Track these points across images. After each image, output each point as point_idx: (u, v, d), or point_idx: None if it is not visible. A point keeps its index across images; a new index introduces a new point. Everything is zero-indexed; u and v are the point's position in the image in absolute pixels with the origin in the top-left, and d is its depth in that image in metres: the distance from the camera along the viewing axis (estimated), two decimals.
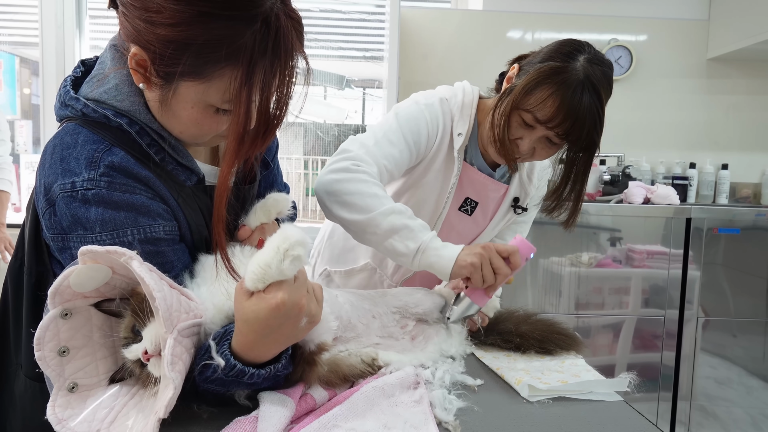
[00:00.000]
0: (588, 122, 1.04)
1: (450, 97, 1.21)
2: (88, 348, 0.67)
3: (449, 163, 1.20)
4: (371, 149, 1.09)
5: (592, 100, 1.03)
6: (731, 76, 2.90)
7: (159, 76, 0.70)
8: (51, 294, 0.62)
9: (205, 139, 0.79)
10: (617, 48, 2.84)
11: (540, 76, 1.05)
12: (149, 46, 0.67)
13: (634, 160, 2.83)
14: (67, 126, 0.75)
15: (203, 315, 0.67)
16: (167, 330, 0.59)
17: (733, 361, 2.38)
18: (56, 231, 0.71)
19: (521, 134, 1.11)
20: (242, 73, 0.67)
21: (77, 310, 0.65)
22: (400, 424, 0.67)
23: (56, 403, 0.63)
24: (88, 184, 0.69)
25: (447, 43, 2.84)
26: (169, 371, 0.57)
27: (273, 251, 0.61)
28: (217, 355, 0.63)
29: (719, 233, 2.31)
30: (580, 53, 1.05)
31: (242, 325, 0.64)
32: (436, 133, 1.18)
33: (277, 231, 0.63)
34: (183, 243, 0.79)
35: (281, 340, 0.66)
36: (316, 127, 3.02)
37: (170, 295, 0.61)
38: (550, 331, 1.02)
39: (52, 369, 0.64)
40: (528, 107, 1.06)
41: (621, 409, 0.79)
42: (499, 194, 1.27)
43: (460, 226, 1.28)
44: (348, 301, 0.89)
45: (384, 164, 1.09)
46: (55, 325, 0.63)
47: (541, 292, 2.33)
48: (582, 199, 1.16)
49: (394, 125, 1.14)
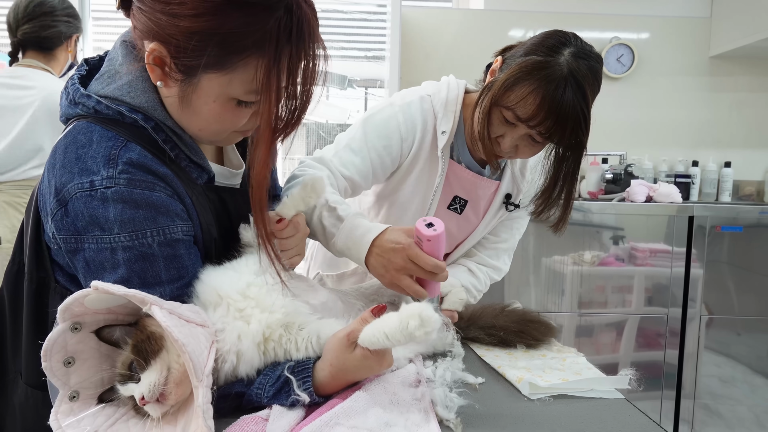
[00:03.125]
0: (571, 120, 0.98)
1: (433, 93, 1.16)
2: (94, 360, 0.67)
3: (433, 163, 1.16)
4: (325, 158, 1.07)
5: (575, 98, 0.96)
6: (734, 73, 2.89)
7: (180, 71, 0.69)
8: (61, 310, 0.62)
9: (224, 135, 0.78)
10: (619, 46, 2.84)
11: (521, 71, 0.98)
12: (171, 39, 0.66)
13: (637, 158, 2.83)
14: (78, 124, 0.73)
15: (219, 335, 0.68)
16: (198, 379, 0.58)
17: (738, 359, 2.38)
18: (69, 232, 0.69)
19: (503, 132, 1.05)
20: (269, 60, 0.67)
21: (86, 325, 0.66)
22: (402, 421, 0.68)
23: (59, 410, 0.64)
24: (107, 182, 0.67)
25: (448, 43, 2.84)
26: (205, 421, 0.57)
27: (401, 328, 0.65)
28: (302, 392, 0.68)
29: (722, 231, 2.31)
30: (566, 46, 0.99)
31: (337, 371, 0.70)
32: (412, 135, 1.14)
33: (417, 307, 0.65)
34: (196, 245, 0.78)
35: (352, 381, 0.73)
36: (319, 127, 3.03)
37: (194, 340, 0.61)
38: (525, 320, 1.01)
39: (58, 378, 0.64)
40: (508, 104, 1.00)
41: (622, 406, 0.79)
42: (489, 191, 1.22)
43: (450, 225, 1.24)
44: (339, 298, 0.91)
45: (341, 171, 1.07)
46: (63, 338, 0.64)
47: (544, 290, 2.33)
48: (572, 200, 1.11)
49: (359, 134, 1.12)
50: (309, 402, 0.68)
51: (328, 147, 1.13)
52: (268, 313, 0.72)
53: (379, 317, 0.69)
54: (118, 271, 0.69)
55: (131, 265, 0.69)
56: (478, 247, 1.31)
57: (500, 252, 1.31)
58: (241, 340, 0.69)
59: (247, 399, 0.69)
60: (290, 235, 0.84)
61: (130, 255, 0.69)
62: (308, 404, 0.69)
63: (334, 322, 0.77)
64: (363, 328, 0.69)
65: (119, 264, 0.69)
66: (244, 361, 0.69)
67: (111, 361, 0.67)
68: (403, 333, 0.65)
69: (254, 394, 0.69)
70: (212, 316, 0.70)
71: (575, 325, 2.35)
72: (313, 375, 0.70)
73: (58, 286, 0.77)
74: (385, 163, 1.14)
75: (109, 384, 0.68)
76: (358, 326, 0.70)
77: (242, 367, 0.69)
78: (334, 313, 0.84)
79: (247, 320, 0.70)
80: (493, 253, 1.31)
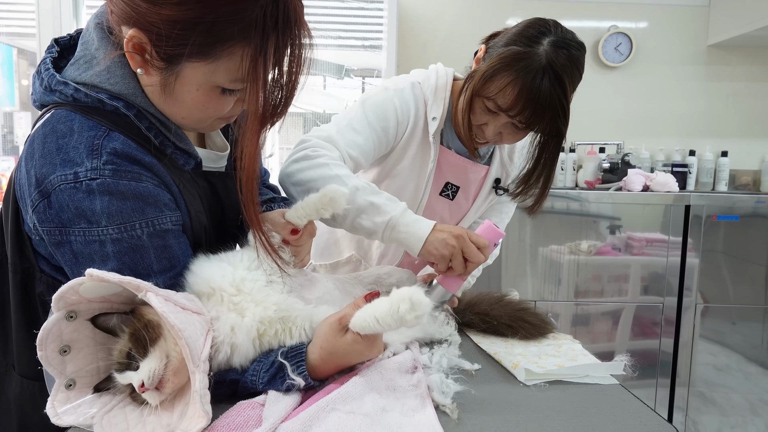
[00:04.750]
0: (550, 110, 1.00)
1: (423, 80, 1.18)
2: (90, 348, 0.67)
3: (425, 149, 1.18)
4: (333, 137, 1.07)
5: (553, 88, 0.98)
6: (731, 62, 2.88)
7: (161, 59, 0.67)
8: (55, 299, 0.62)
9: (207, 122, 0.77)
10: (617, 35, 2.83)
11: (500, 62, 1.01)
12: (152, 27, 0.64)
13: (634, 147, 2.82)
14: (57, 113, 0.70)
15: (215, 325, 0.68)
16: (194, 364, 0.58)
17: (732, 347, 2.39)
18: (53, 224, 0.67)
19: (485, 120, 1.08)
20: (255, 48, 0.65)
21: (82, 313, 0.66)
22: (398, 407, 0.68)
23: (56, 399, 0.64)
24: (91, 173, 0.65)
25: (446, 32, 2.82)
26: (203, 406, 0.58)
27: (392, 311, 0.65)
28: (297, 376, 0.68)
29: (718, 220, 2.32)
30: (545, 36, 1.00)
31: (327, 355, 0.69)
32: (407, 119, 1.15)
33: (408, 291, 0.66)
34: (185, 233, 0.77)
35: (343, 366, 0.73)
36: (315, 116, 3.01)
37: (190, 326, 0.60)
38: (519, 318, 1.01)
39: (54, 367, 0.64)
40: (489, 94, 1.03)
41: (617, 392, 0.80)
42: (479, 176, 1.25)
43: (443, 211, 1.27)
44: (335, 286, 0.91)
45: (347, 151, 1.07)
46: (58, 327, 0.64)
47: (541, 280, 2.33)
48: (550, 185, 1.14)
49: (359, 113, 1.12)
50: (304, 385, 0.68)
51: (327, 126, 1.12)
52: (263, 308, 0.71)
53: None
54: (109, 264, 0.68)
55: (121, 257, 0.68)
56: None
57: None
58: (235, 333, 0.69)
59: (242, 386, 0.69)
60: (305, 242, 0.84)
61: (120, 247, 0.68)
62: (304, 388, 0.69)
63: (328, 308, 0.77)
64: (355, 312, 0.69)
65: (109, 256, 0.68)
66: (239, 354, 0.69)
67: (106, 349, 0.67)
68: (393, 317, 0.65)
69: (249, 380, 0.69)
70: (206, 305, 0.70)
71: (571, 314, 2.36)
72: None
73: (43, 275, 0.76)
74: (382, 144, 1.15)
75: (105, 374, 0.68)
76: (350, 311, 0.70)
77: (236, 359, 0.69)
78: (330, 305, 0.84)
79: (241, 313, 0.70)
80: None
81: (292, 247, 0.82)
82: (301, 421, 0.61)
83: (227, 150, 0.91)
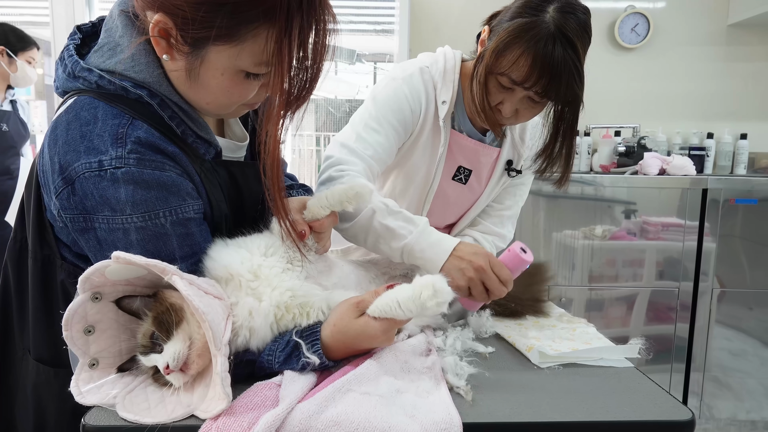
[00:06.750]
0: (565, 75, 0.99)
1: (431, 64, 1.18)
2: (113, 330, 0.69)
3: (436, 134, 1.18)
4: (353, 147, 1.07)
5: (566, 52, 0.97)
6: (752, 42, 2.81)
7: (187, 43, 0.67)
8: (81, 280, 0.63)
9: (232, 108, 0.77)
10: (634, 15, 2.77)
11: (509, 36, 1.00)
12: (177, 11, 0.64)
13: (650, 130, 2.78)
14: (80, 99, 0.71)
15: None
16: (216, 347, 0.60)
17: (749, 332, 2.37)
18: (77, 211, 0.68)
19: (501, 98, 1.07)
20: (280, 30, 0.65)
21: (106, 295, 0.67)
22: (413, 388, 0.69)
23: (80, 378, 0.66)
24: (116, 162, 0.66)
25: (459, 15, 2.78)
26: (224, 388, 0.59)
27: (414, 297, 0.66)
28: (311, 354, 0.69)
29: (736, 204, 2.28)
30: (550, 3, 0.99)
31: (338, 333, 0.70)
32: (419, 105, 1.15)
33: (431, 278, 0.67)
34: (205, 221, 0.78)
35: (352, 349, 0.73)
36: (328, 102, 3.01)
37: (212, 310, 0.61)
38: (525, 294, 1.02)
39: (78, 347, 0.66)
40: (502, 70, 1.02)
41: (631, 375, 0.80)
42: (491, 159, 1.24)
43: (455, 196, 1.27)
44: (351, 271, 0.92)
45: (371, 155, 1.07)
46: (83, 308, 0.65)
47: (555, 264, 2.32)
48: (573, 155, 1.13)
49: (373, 112, 1.12)
50: (319, 364, 0.69)
51: (344, 133, 1.13)
52: (279, 293, 0.72)
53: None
54: (132, 250, 0.68)
55: (145, 245, 0.69)
56: (482, 216, 1.33)
57: (504, 219, 1.32)
58: (253, 317, 0.70)
59: (258, 366, 0.70)
60: (327, 229, 0.84)
61: (144, 235, 0.69)
62: (319, 368, 0.70)
63: (344, 292, 0.78)
64: (374, 300, 0.70)
65: (133, 244, 0.69)
66: (257, 337, 0.71)
67: (129, 332, 0.69)
68: (415, 302, 0.66)
69: (265, 360, 0.70)
70: (225, 290, 0.71)
71: (585, 299, 2.35)
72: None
73: (64, 263, 0.77)
74: (401, 136, 1.15)
75: (127, 355, 0.70)
76: (369, 297, 0.71)
77: (254, 342, 0.71)
78: (346, 289, 0.85)
79: (258, 297, 0.71)
80: (498, 220, 1.32)
81: (315, 234, 0.83)
82: (317, 402, 0.62)
83: (246, 140, 0.91)
